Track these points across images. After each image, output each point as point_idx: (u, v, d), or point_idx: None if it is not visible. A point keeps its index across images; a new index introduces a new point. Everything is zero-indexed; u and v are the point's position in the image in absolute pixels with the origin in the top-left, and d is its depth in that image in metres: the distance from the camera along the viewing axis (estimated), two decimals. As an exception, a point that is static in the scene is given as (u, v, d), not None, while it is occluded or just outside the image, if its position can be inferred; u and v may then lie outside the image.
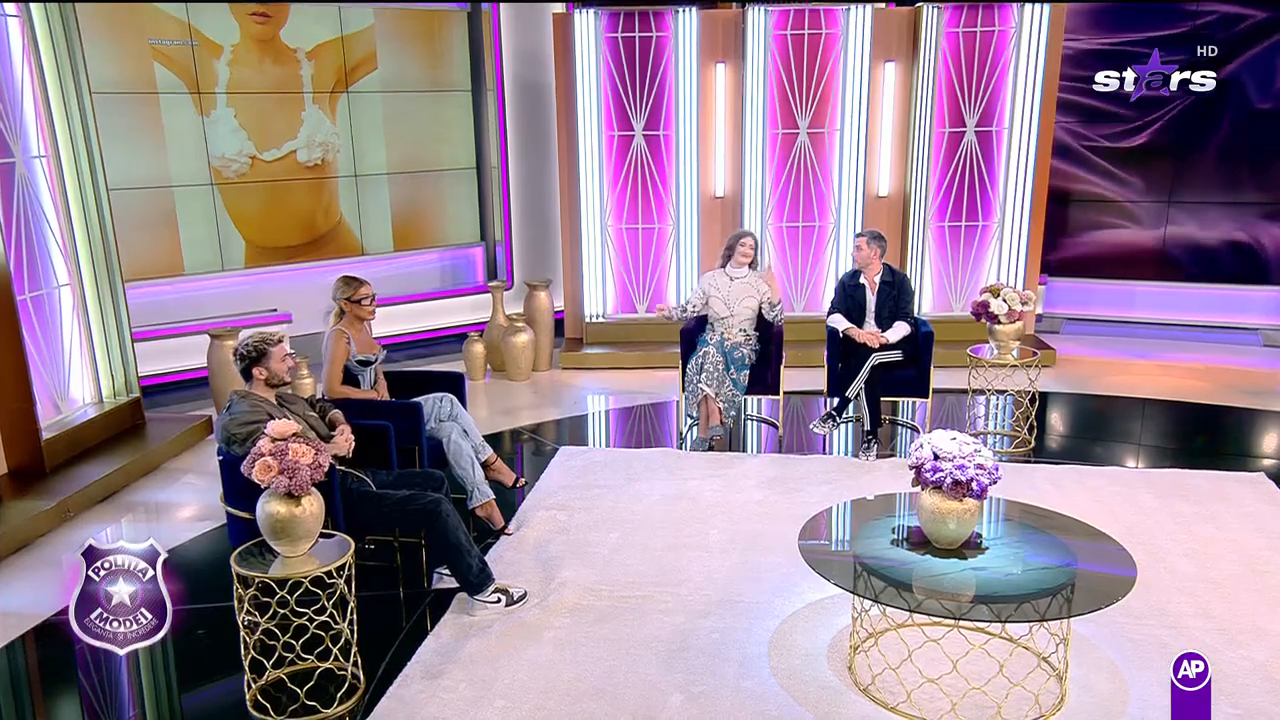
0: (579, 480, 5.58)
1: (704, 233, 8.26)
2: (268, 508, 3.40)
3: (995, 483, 3.47)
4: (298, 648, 3.48)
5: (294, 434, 3.44)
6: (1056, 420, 6.82)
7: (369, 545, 4.83)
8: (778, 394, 6.24)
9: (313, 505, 3.44)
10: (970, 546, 3.58)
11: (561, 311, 8.67)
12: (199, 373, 7.31)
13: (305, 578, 3.39)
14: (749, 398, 6.54)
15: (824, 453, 6.09)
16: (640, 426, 6.79)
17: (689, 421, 6.32)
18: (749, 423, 6.76)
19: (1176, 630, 3.94)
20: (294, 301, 8.20)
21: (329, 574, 3.45)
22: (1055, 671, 3.56)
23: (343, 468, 4.14)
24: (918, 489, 3.59)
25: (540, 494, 5.40)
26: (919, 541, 3.64)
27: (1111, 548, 3.68)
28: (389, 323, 8.24)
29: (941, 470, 3.45)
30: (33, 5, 5.80)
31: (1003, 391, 6.32)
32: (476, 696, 3.54)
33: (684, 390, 6.16)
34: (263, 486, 3.38)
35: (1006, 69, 7.90)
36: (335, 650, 3.54)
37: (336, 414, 4.37)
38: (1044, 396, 6.72)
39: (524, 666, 3.73)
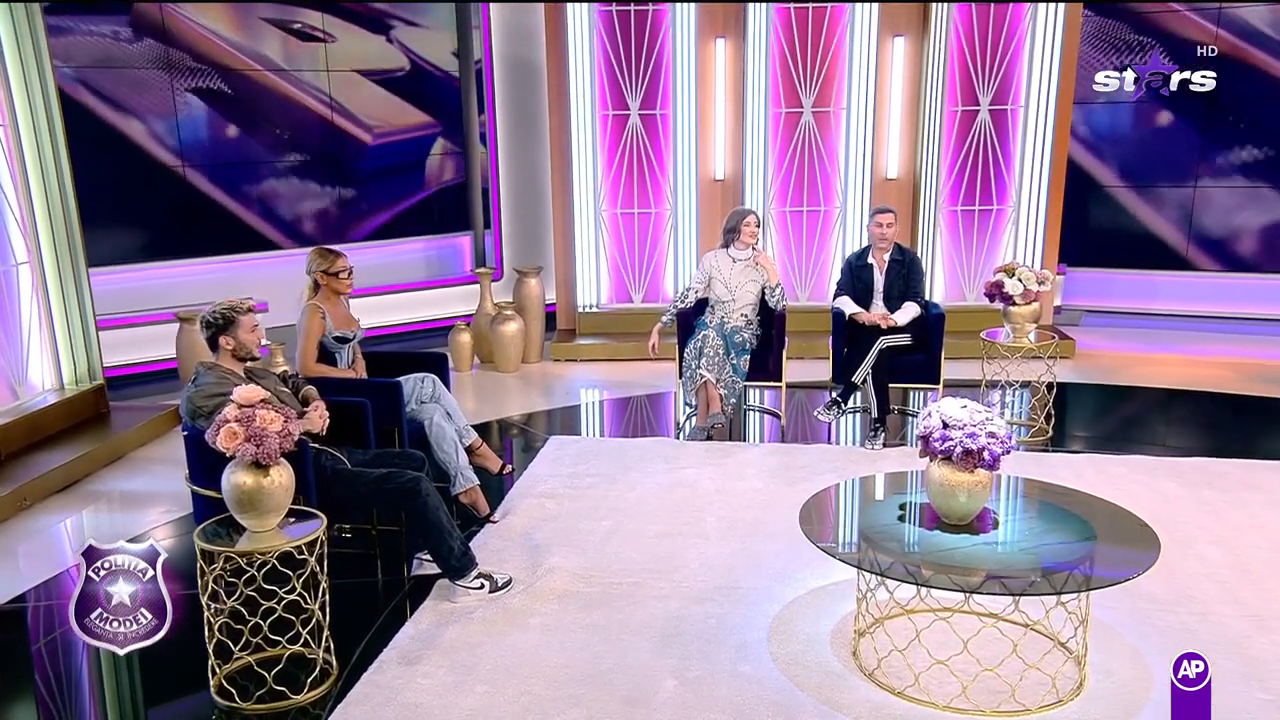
0: (569, 469, 5.55)
1: (703, 217, 8.24)
2: (234, 478, 3.36)
3: (1008, 452, 3.43)
4: (265, 629, 3.43)
5: (261, 400, 3.41)
6: (1076, 410, 6.78)
7: (345, 534, 4.81)
8: (780, 381, 6.21)
9: (281, 476, 3.40)
10: (983, 523, 3.55)
11: (553, 305, 8.63)
12: (168, 364, 7.28)
13: (273, 553, 3.35)
14: (750, 386, 6.52)
15: (829, 442, 6.06)
16: (635, 418, 6.76)
17: (687, 410, 6.28)
18: (750, 413, 6.73)
19: (1204, 616, 3.90)
20: (270, 290, 8.17)
21: (299, 550, 3.40)
22: (1073, 655, 3.51)
23: (316, 445, 4.09)
24: (926, 460, 3.56)
25: (528, 482, 5.37)
26: (929, 519, 3.60)
27: (1134, 524, 3.64)
28: (370, 314, 8.20)
29: (951, 439, 3.41)
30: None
31: (1014, 383, 6.23)
32: (456, 682, 3.50)
33: (681, 377, 6.12)
34: (228, 455, 3.33)
35: (1022, 44, 7.89)
36: (305, 634, 3.49)
37: (311, 390, 4.34)
38: (1063, 388, 6.68)
39: (508, 652, 3.69)
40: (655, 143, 8.21)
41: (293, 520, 3.54)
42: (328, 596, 3.54)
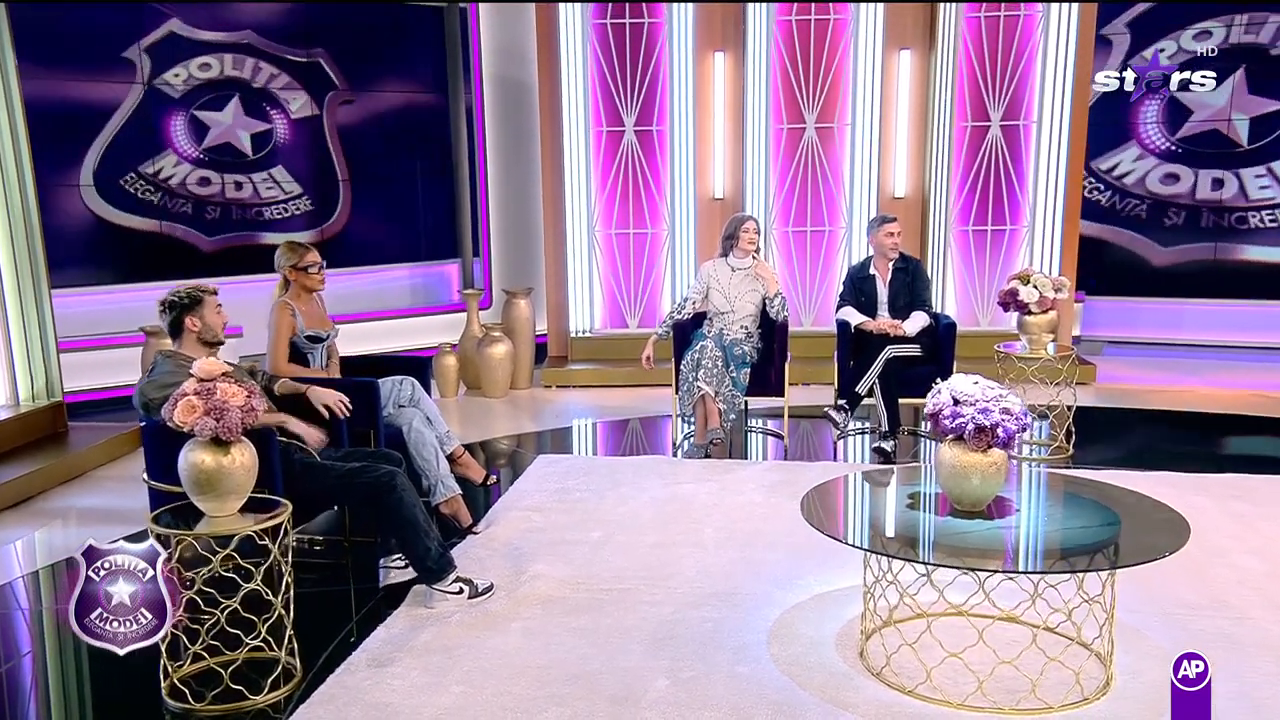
0: (558, 485, 5.47)
1: (701, 238, 8.23)
2: (191, 456, 3.29)
3: (1024, 430, 3.37)
4: (223, 620, 3.32)
5: (223, 374, 3.35)
6: (1098, 430, 6.68)
7: (317, 545, 4.73)
8: (782, 394, 6.14)
9: (243, 455, 3.33)
10: (998, 509, 3.47)
11: (544, 336, 8.59)
12: (132, 389, 7.21)
13: (233, 535, 3.26)
14: (750, 402, 6.46)
15: (834, 459, 5.98)
16: (630, 442, 6.67)
17: (684, 429, 6.21)
18: (751, 434, 6.64)
19: (1240, 621, 3.81)
20: (246, 315, 8.14)
21: (260, 536, 3.32)
22: (1094, 652, 3.42)
23: (284, 438, 4.03)
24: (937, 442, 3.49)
25: (514, 496, 5.29)
26: (942, 506, 3.53)
27: (1161, 511, 3.56)
28: (352, 342, 8.16)
29: (962, 415, 3.35)
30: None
31: (1036, 411, 6.13)
32: (430, 683, 3.39)
33: (677, 391, 6.06)
34: (186, 430, 3.26)
35: (1034, 56, 7.95)
36: (264, 631, 3.38)
37: (286, 383, 4.34)
38: (1084, 412, 6.59)
39: (486, 654, 3.58)
40: (651, 160, 8.24)
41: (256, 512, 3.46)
42: (293, 593, 3.45)
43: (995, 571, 3.09)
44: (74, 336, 7.11)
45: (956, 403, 3.39)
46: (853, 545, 3.32)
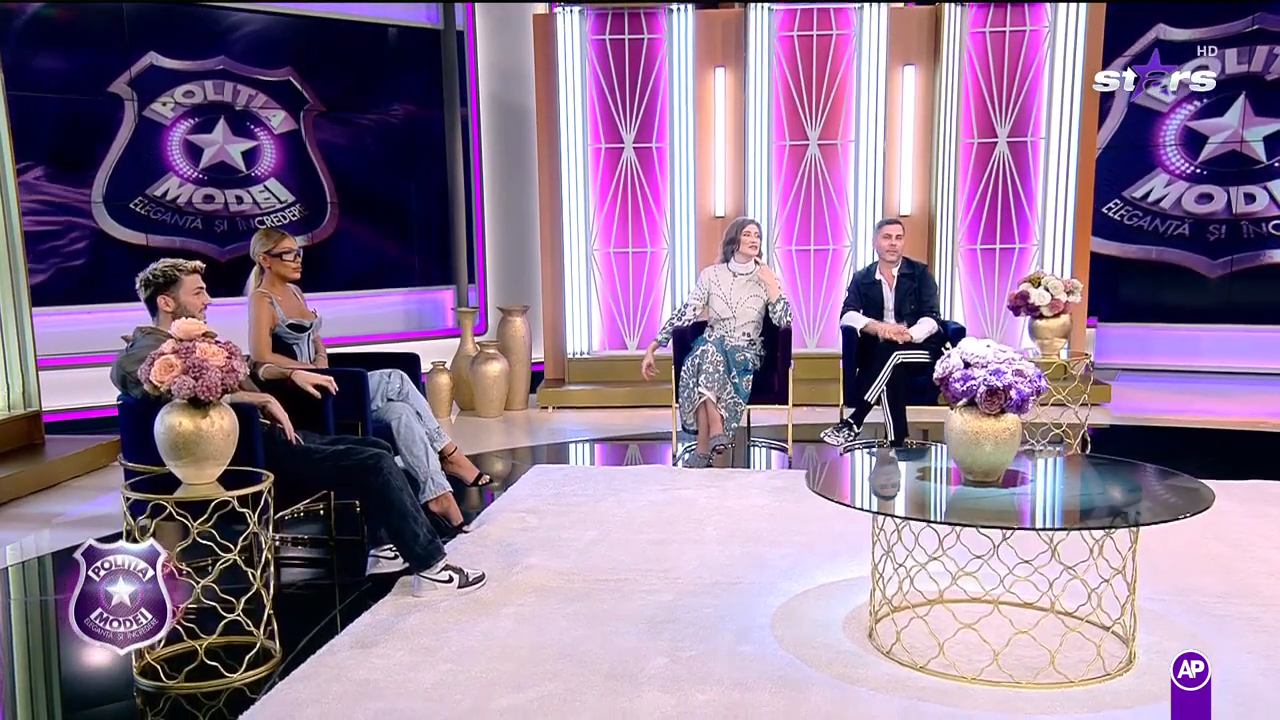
0: (554, 490, 5.41)
1: (702, 257, 8.22)
2: (168, 419, 3.24)
3: (1038, 393, 3.32)
4: (198, 591, 3.24)
5: (204, 334, 3.31)
6: (1114, 444, 6.62)
7: (301, 543, 4.66)
8: (785, 402, 6.08)
9: (223, 419, 3.28)
10: (1013, 479, 3.41)
11: (540, 364, 8.55)
12: (112, 410, 7.17)
13: (211, 501, 3.20)
14: (753, 422, 6.40)
15: (842, 469, 5.91)
16: (629, 459, 6.59)
17: (685, 440, 6.15)
18: (754, 448, 6.57)
19: (1268, 607, 3.74)
20: (235, 336, 8.13)
21: (240, 503, 3.25)
22: (1115, 633, 3.34)
23: (268, 422, 3.97)
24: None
25: (507, 501, 5.24)
26: (953, 477, 3.48)
27: (1182, 481, 3.50)
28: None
29: (973, 378, 3.30)
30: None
31: (1047, 432, 6.08)
32: (416, 662, 3.31)
33: (678, 400, 6.01)
34: (162, 391, 3.22)
35: (1041, 71, 8.02)
36: (240, 607, 3.29)
37: (271, 369, 4.31)
38: (1099, 430, 6.54)
39: (477, 637, 3.50)
40: (651, 178, 8.27)
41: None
42: (273, 568, 3.38)
43: (1011, 529, 3.02)
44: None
45: (967, 365, 3.35)
46: (860, 509, 3.26)
